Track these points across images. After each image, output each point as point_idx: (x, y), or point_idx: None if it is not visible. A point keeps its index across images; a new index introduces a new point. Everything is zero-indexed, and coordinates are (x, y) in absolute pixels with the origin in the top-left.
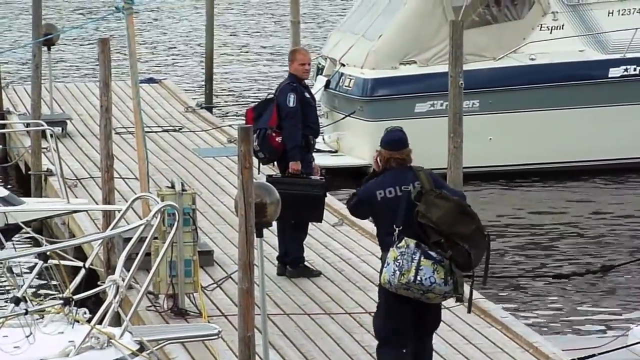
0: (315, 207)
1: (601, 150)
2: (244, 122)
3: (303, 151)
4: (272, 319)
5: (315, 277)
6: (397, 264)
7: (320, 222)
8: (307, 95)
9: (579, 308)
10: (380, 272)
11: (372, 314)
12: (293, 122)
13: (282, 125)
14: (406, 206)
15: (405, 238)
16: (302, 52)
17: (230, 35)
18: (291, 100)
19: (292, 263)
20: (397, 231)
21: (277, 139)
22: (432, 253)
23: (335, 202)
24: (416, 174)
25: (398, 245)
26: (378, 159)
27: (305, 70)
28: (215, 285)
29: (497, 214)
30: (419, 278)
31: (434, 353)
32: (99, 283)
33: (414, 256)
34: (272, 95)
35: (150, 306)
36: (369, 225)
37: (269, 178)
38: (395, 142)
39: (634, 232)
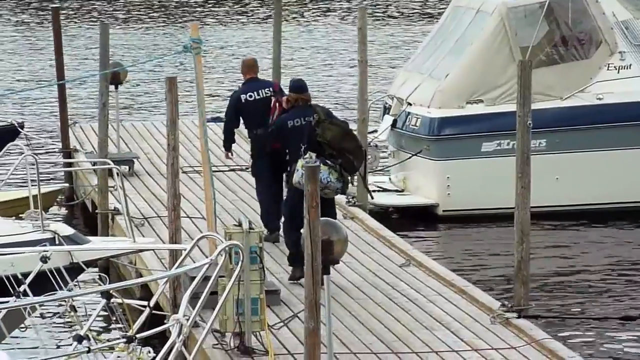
0: None
1: None
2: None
3: None
4: (338, 358)
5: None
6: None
7: None
8: None
9: None
10: (291, 177)
11: (439, 354)
12: None
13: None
14: (309, 131)
15: (310, 152)
16: None
17: (297, 73)
18: None
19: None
20: (303, 148)
21: None
22: (328, 161)
23: (401, 243)
24: (314, 108)
25: (304, 157)
26: (288, 100)
27: None
28: (281, 323)
29: (564, 254)
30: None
31: None
32: (165, 321)
33: (315, 163)
34: (271, 93)
35: (216, 344)
36: (436, 266)
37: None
38: (301, 87)
39: None
